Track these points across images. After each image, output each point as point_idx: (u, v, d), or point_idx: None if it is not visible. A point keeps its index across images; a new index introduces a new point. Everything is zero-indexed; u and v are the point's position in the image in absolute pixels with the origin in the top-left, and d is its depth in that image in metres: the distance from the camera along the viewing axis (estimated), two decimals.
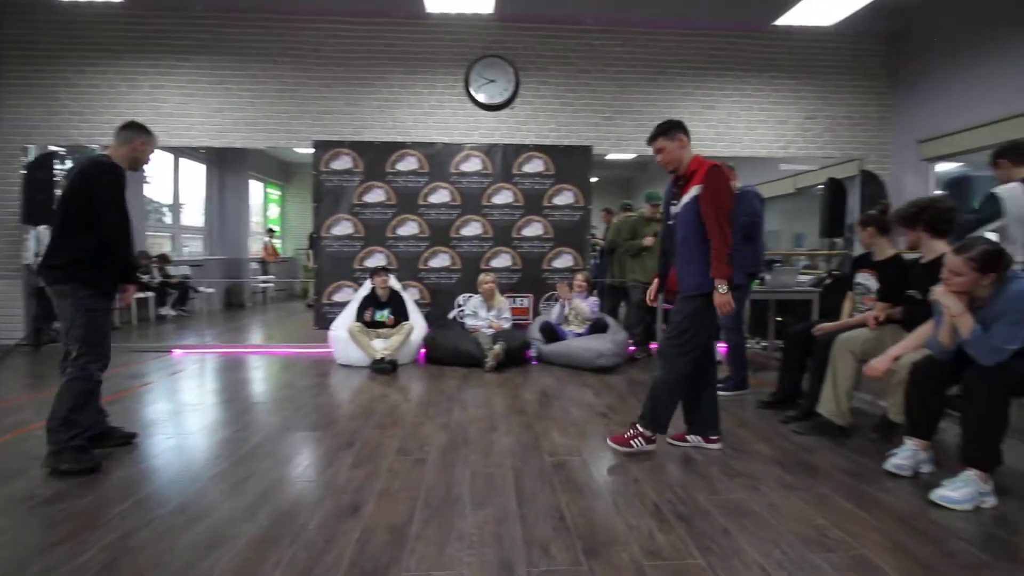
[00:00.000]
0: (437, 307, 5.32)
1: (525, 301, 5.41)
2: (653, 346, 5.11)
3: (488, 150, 5.32)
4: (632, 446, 2.51)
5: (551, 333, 4.65)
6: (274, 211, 10.30)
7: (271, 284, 9.11)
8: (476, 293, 5.02)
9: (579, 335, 4.66)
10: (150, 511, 1.96)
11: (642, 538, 1.81)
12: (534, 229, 5.37)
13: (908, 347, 2.53)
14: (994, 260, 2.07)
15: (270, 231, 9.48)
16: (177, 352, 5.05)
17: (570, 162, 5.35)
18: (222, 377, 4.16)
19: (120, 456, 2.48)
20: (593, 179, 5.46)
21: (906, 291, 2.77)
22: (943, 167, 5.34)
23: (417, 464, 2.42)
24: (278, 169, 9.98)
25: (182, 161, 7.71)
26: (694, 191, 2.41)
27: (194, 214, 8.45)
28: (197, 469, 2.36)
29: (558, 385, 3.92)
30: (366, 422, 3.02)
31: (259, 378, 4.16)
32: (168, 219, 7.91)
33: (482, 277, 4.85)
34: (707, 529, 1.87)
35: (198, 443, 2.69)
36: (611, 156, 5.65)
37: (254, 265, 9.06)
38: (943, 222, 2.59)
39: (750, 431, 2.93)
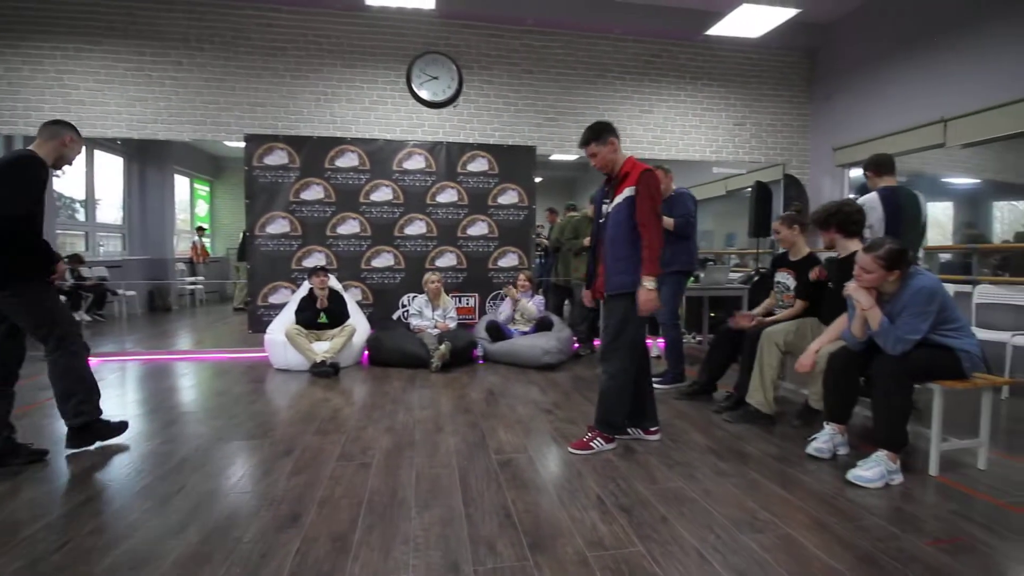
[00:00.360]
0: (381, 308, 5.21)
1: (471, 300, 5.40)
2: (597, 342, 5.24)
3: (432, 148, 5.26)
4: (592, 447, 2.56)
5: (497, 332, 4.67)
6: (203, 208, 9.72)
7: (199, 286, 8.60)
8: (421, 293, 4.96)
9: (524, 333, 4.70)
10: (63, 534, 1.81)
11: (585, 530, 1.85)
12: (479, 228, 5.37)
13: (826, 340, 2.74)
14: (899, 258, 2.28)
15: (200, 229, 8.93)
16: (94, 360, 4.67)
17: (514, 162, 5.39)
18: (145, 386, 3.88)
19: (30, 475, 2.27)
20: (537, 179, 5.53)
21: (821, 288, 3.01)
22: (856, 172, 5.80)
23: (360, 469, 2.36)
24: (207, 163, 9.43)
25: (97, 153, 7.13)
26: (627, 192, 2.49)
27: (111, 211, 7.83)
28: (118, 486, 2.19)
29: (504, 383, 3.94)
30: (306, 428, 2.91)
31: (187, 386, 3.92)
32: (81, 216, 7.29)
33: (428, 276, 4.79)
34: (647, 518, 1.94)
35: (119, 458, 2.50)
36: (555, 157, 5.74)
37: (181, 266, 8.52)
38: (852, 223, 2.83)
39: (687, 422, 3.06)
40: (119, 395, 3.64)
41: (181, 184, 8.97)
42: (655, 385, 3.65)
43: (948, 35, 4.60)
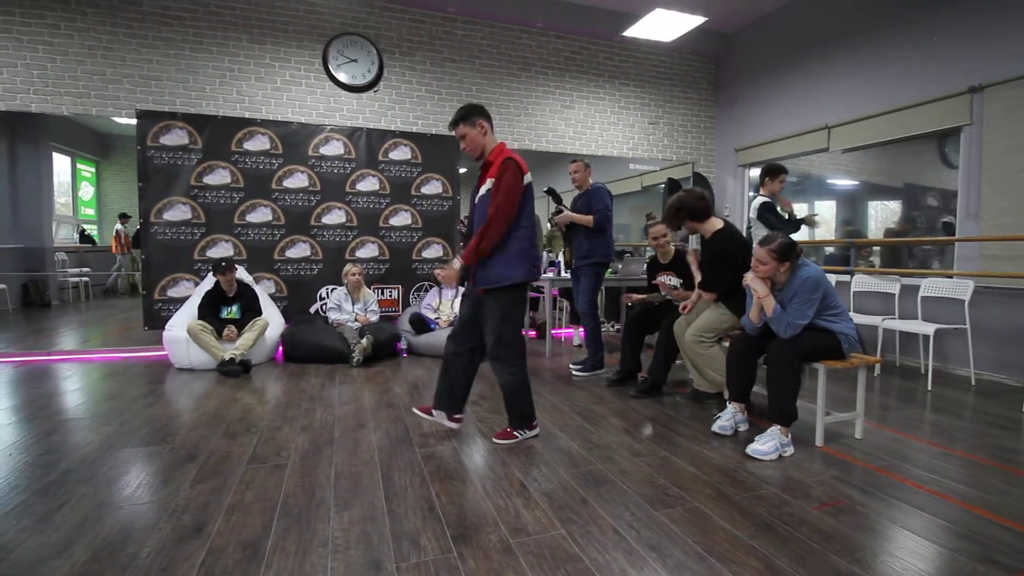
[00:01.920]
0: (296, 300, 4.94)
1: (394, 292, 5.26)
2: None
3: (351, 134, 5.04)
4: (517, 436, 2.59)
5: (421, 324, 4.59)
6: (88, 191, 8.69)
7: (86, 278, 7.71)
8: (340, 285, 4.76)
9: (451, 325, 4.66)
10: None
11: (509, 518, 1.87)
12: (402, 218, 5.23)
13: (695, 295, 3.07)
14: (788, 250, 2.50)
15: (123, 216, 7.96)
16: None
17: (438, 151, 5.29)
18: (20, 391, 3.43)
19: None
20: (462, 170, 5.47)
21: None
22: (755, 172, 6.28)
23: (274, 471, 2.23)
24: (92, 141, 8.43)
25: None
26: (490, 183, 2.40)
27: None
28: None
29: (429, 376, 3.88)
30: (212, 431, 2.71)
31: (72, 389, 3.50)
32: None
33: (348, 268, 4.60)
34: (568, 501, 2.00)
35: None
36: None
37: (62, 255, 7.58)
38: (699, 210, 3.02)
39: (606, 407, 3.18)
40: None
41: (62, 164, 7.96)
42: (575, 372, 3.81)
43: (834, 48, 5.07)
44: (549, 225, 5.14)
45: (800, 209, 4.57)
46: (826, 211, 5.78)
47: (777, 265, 2.51)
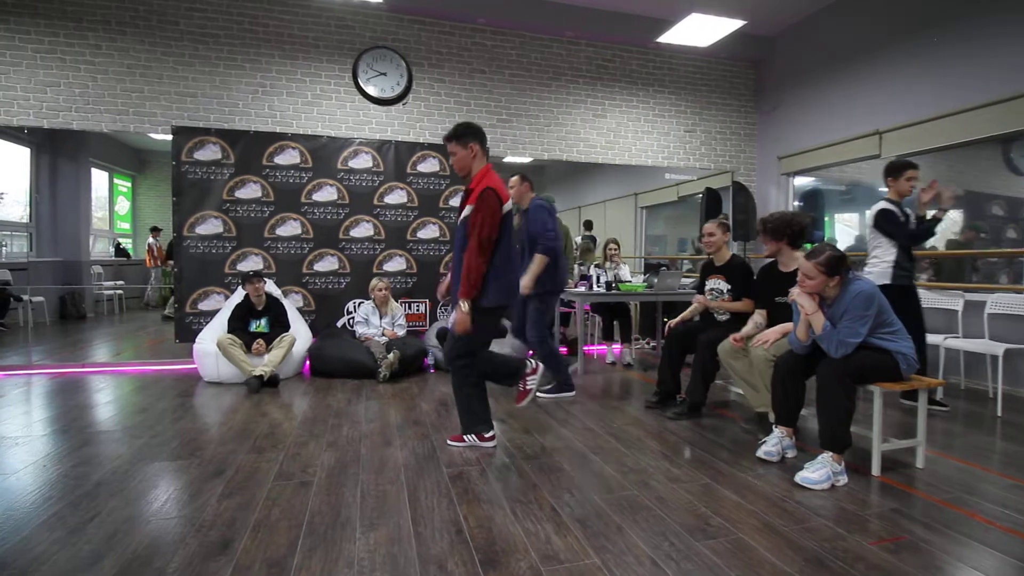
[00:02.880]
0: (324, 315, 5.05)
1: (421, 307, 5.32)
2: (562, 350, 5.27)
3: (379, 147, 5.16)
4: (465, 440, 2.74)
5: None
6: (124, 205, 9.13)
7: (120, 291, 8.06)
8: (367, 299, 4.84)
9: None
10: None
11: (540, 543, 1.84)
12: (430, 231, 5.30)
13: (786, 330, 2.85)
14: (838, 264, 2.42)
15: (155, 230, 8.36)
16: None
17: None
18: (55, 403, 3.59)
19: None
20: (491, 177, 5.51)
21: (763, 285, 3.16)
22: (800, 181, 6.14)
23: (300, 488, 2.27)
24: (128, 157, 8.87)
25: (0, 143, 6.56)
26: (467, 210, 2.53)
27: (16, 207, 7.22)
28: (22, 515, 2.00)
29: None
30: (240, 446, 2.77)
31: (104, 402, 3.65)
32: None
33: (374, 283, 4.68)
34: (602, 528, 1.95)
35: (23, 483, 2.29)
36: (508, 159, 5.75)
37: (98, 269, 7.95)
38: (800, 236, 3.02)
39: (642, 429, 3.12)
40: (24, 413, 3.34)
41: (99, 179, 8.39)
42: (542, 395, 3.70)
43: (885, 48, 4.95)
44: (579, 239, 5.13)
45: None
46: None
47: (825, 279, 2.43)
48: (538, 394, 3.72)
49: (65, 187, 7.61)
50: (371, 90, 5.17)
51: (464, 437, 2.75)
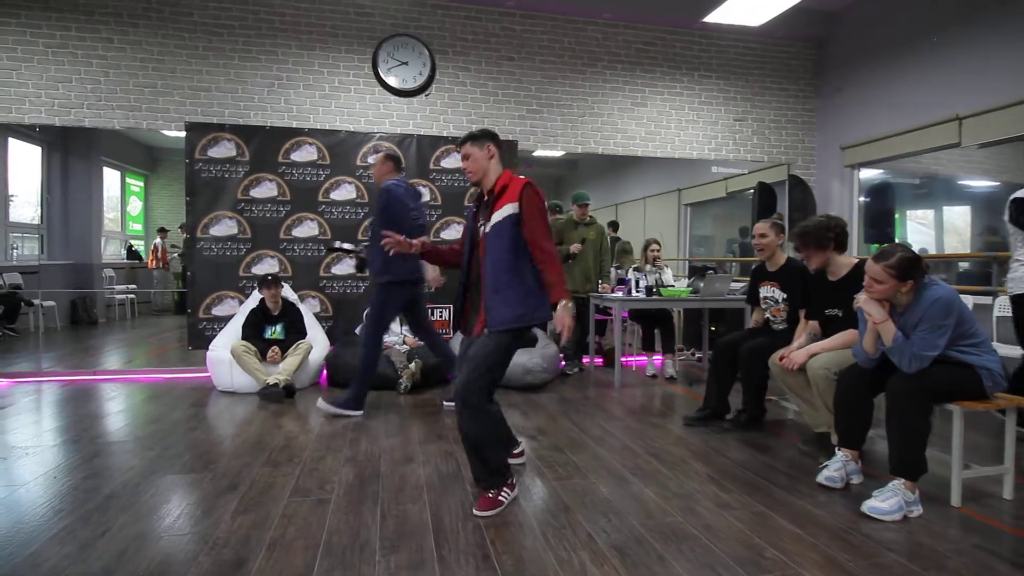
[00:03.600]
0: (341, 321, 5.15)
1: (445, 313, 5.37)
2: (585, 360, 5.26)
3: (401, 141, 5.25)
4: (502, 501, 2.32)
5: None
6: (136, 206, 9.50)
7: (132, 295, 8.38)
8: None
9: None
10: None
11: (574, 573, 1.84)
12: (454, 232, 5.36)
13: (826, 347, 2.83)
14: (912, 267, 2.34)
15: (162, 231, 8.69)
16: (3, 382, 4.51)
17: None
18: (65, 412, 3.75)
19: None
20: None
21: (812, 296, 3.10)
22: (866, 174, 5.97)
23: (317, 506, 2.31)
24: (141, 155, 9.22)
25: (11, 142, 6.92)
26: (508, 209, 2.35)
27: (27, 208, 7.59)
28: (31, 528, 2.10)
29: None
30: (254, 459, 2.84)
31: (116, 411, 3.80)
32: None
33: None
34: (642, 557, 1.94)
35: (33, 495, 2.40)
36: (539, 152, 5.77)
37: (110, 272, 8.29)
38: (845, 238, 2.97)
39: (686, 449, 3.08)
40: (34, 422, 3.50)
41: (111, 178, 8.75)
42: (323, 405, 3.61)
43: (964, 26, 4.78)
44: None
45: None
46: (958, 218, 5.40)
47: (896, 284, 2.35)
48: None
49: (77, 187, 7.97)
50: (392, 81, 5.26)
51: (500, 497, 2.33)
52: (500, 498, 2.32)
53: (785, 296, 3.35)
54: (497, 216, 2.37)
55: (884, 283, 2.36)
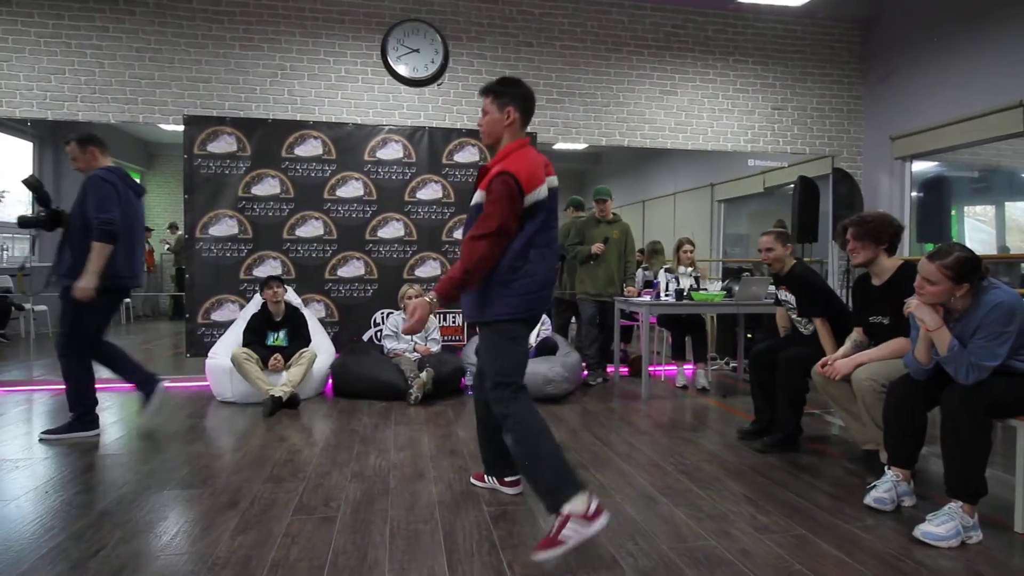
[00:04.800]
0: (348, 327, 5.20)
1: (459, 318, 5.40)
2: (610, 370, 5.25)
3: (411, 134, 5.30)
4: (562, 542, 1.94)
5: None
6: None
7: (128, 299, 8.53)
8: (397, 309, 4.95)
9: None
10: None
11: None
12: None
13: (874, 356, 2.81)
14: (970, 268, 2.30)
15: (147, 230, 8.83)
16: None
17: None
18: (57, 422, 3.83)
19: None
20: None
21: (829, 303, 3.18)
22: (919, 166, 5.88)
23: (323, 524, 2.34)
24: (137, 150, 9.40)
25: (0, 137, 7.11)
26: (478, 197, 2.27)
27: (17, 207, 7.79)
28: (21, 547, 2.15)
29: None
30: (256, 474, 2.88)
31: (110, 422, 3.88)
32: None
33: (405, 290, 4.79)
34: None
35: (23, 511, 2.46)
36: (559, 146, 5.78)
37: None
38: (898, 241, 2.95)
39: (719, 466, 3.06)
40: (25, 433, 3.59)
41: None
42: (48, 437, 3.43)
43: None
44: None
45: None
46: (1021, 215, 5.30)
47: (952, 287, 2.32)
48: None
49: (70, 184, 8.12)
50: (402, 70, 5.32)
51: (561, 536, 1.94)
52: (560, 537, 1.92)
53: (795, 297, 3.47)
54: (477, 196, 2.29)
55: (938, 284, 2.32)
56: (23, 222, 3.54)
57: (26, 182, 3.55)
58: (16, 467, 2.98)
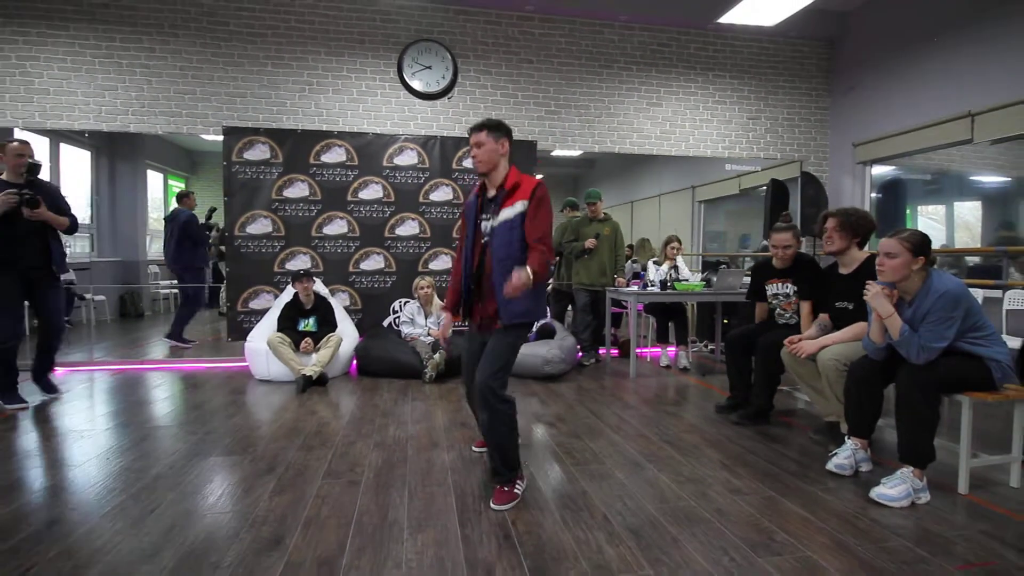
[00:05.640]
0: (370, 314, 5.22)
1: None
2: (602, 351, 5.26)
3: (425, 143, 5.28)
4: (517, 494, 2.26)
5: None
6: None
7: (175, 290, 8.58)
8: (413, 298, 4.96)
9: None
10: (27, 559, 1.80)
11: (591, 552, 1.86)
12: None
13: (837, 339, 2.80)
14: (924, 242, 2.32)
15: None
16: (60, 370, 4.67)
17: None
18: (116, 398, 3.88)
19: None
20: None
21: (824, 289, 3.06)
22: (878, 170, 5.84)
23: (349, 487, 2.36)
24: (182, 158, 9.41)
25: (63, 147, 7.12)
26: (520, 207, 2.30)
27: (78, 209, 7.80)
28: (86, 506, 2.19)
29: None
30: (290, 443, 2.91)
31: (162, 398, 3.91)
32: None
33: (418, 282, 4.79)
34: (656, 539, 1.95)
35: (87, 475, 2.50)
36: (557, 152, 5.76)
37: (155, 268, 8.49)
38: (869, 236, 2.95)
39: (698, 436, 3.07)
40: (87, 407, 3.63)
41: (155, 180, 8.95)
42: None
43: (976, 23, 4.64)
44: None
45: None
46: (968, 214, 5.27)
47: (910, 259, 2.30)
48: None
49: (123, 189, 8.16)
50: (416, 84, 5.29)
51: (515, 490, 2.27)
52: (515, 491, 2.27)
53: (796, 289, 3.31)
54: (507, 212, 2.31)
55: (898, 257, 2.30)
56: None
57: (31, 163, 3.51)
58: (82, 437, 3.01)
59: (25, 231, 3.45)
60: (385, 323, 5.23)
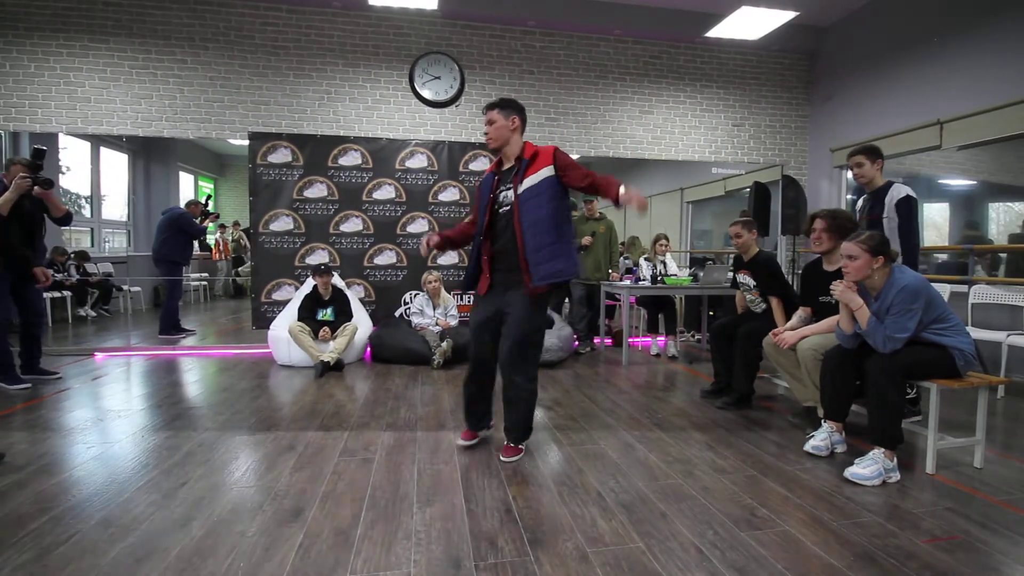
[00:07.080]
0: (383, 305, 5.20)
1: (472, 298, 5.38)
2: (596, 341, 5.24)
3: (434, 147, 5.25)
4: (521, 450, 2.45)
5: None
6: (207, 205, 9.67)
7: (204, 283, 8.58)
8: (422, 291, 4.95)
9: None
10: (70, 527, 1.80)
11: (586, 526, 1.85)
12: None
13: (815, 330, 2.79)
14: (881, 243, 2.31)
15: (222, 227, 8.86)
16: (99, 355, 4.67)
17: None
18: (150, 381, 3.88)
19: (37, 468, 2.26)
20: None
21: (809, 284, 3.02)
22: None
23: (363, 465, 2.36)
24: (211, 161, 9.39)
25: (102, 151, 7.10)
26: (545, 172, 2.29)
27: (116, 207, 7.81)
28: (123, 479, 2.18)
29: None
30: (309, 424, 2.91)
31: (192, 381, 3.91)
32: (87, 212, 7.26)
33: (426, 276, 4.78)
34: (647, 514, 1.94)
35: (124, 451, 2.50)
36: None
37: None
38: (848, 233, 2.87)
39: (686, 419, 3.06)
40: (124, 390, 3.63)
41: (185, 181, 8.94)
42: None
43: (944, 38, 4.58)
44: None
45: None
46: (937, 214, 5.22)
47: (870, 259, 2.29)
48: None
49: (157, 189, 8.14)
50: (426, 93, 5.25)
51: (520, 447, 2.47)
52: (521, 447, 2.46)
53: (755, 283, 3.38)
54: (532, 179, 2.30)
55: (858, 258, 2.31)
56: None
57: (37, 148, 3.46)
58: (119, 416, 3.01)
59: (29, 224, 3.51)
60: (397, 313, 5.22)
